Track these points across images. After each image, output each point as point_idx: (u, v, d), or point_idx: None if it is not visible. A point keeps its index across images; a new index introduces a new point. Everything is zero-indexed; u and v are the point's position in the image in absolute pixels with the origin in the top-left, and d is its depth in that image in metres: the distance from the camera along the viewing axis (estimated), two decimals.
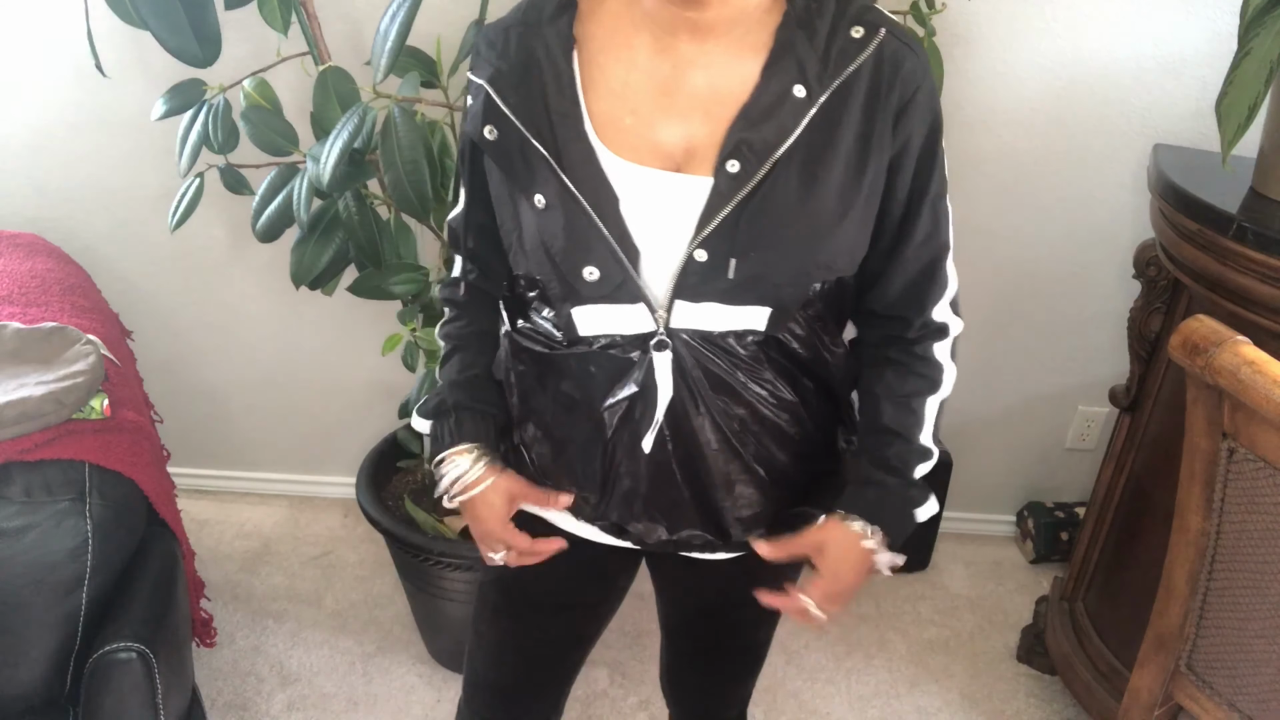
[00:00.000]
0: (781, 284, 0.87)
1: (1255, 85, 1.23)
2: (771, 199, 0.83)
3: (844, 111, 0.83)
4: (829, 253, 0.87)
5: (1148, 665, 1.18)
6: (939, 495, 2.11)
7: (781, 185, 0.83)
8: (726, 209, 0.82)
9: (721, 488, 0.96)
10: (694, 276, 0.85)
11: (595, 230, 0.84)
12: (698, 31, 0.83)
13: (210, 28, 1.35)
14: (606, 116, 0.85)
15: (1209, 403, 1.00)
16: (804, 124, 0.82)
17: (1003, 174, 1.91)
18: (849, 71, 0.83)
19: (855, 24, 0.84)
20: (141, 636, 1.25)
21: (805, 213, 0.84)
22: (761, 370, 0.92)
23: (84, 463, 1.32)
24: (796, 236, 0.84)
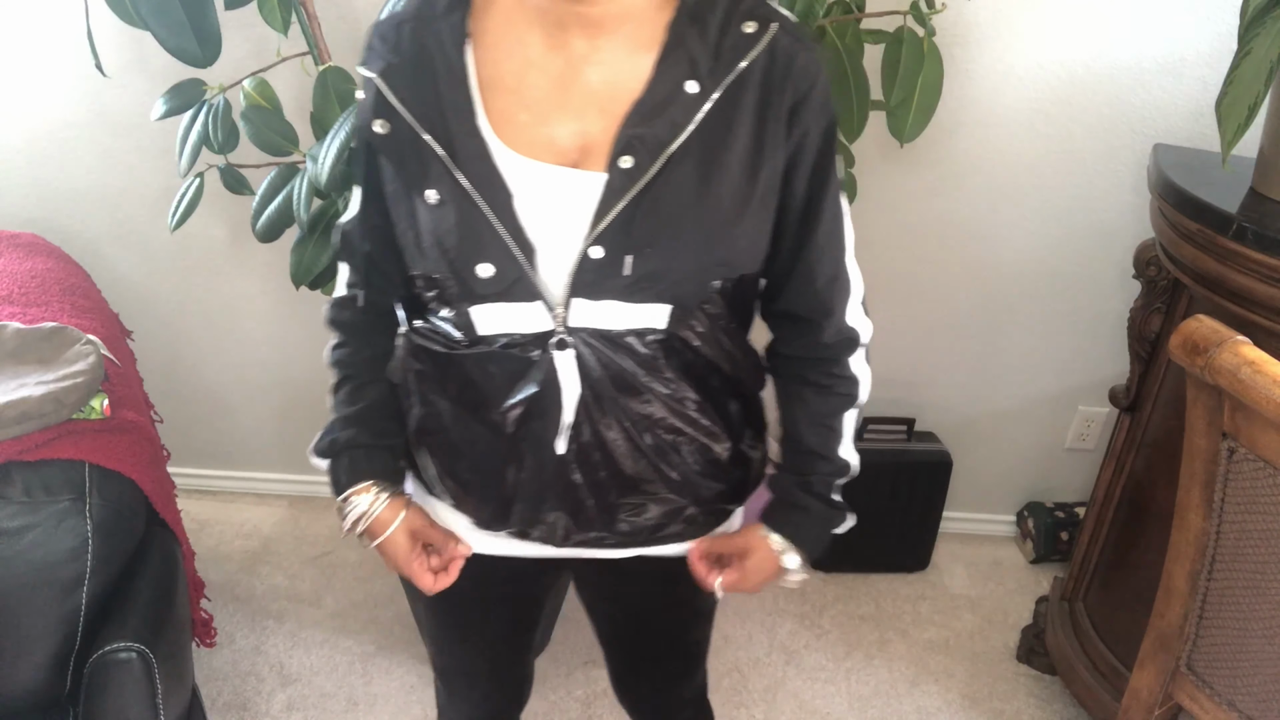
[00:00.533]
0: (679, 281, 0.86)
1: (1255, 85, 1.23)
2: (666, 195, 0.82)
3: (738, 108, 0.83)
4: (727, 250, 0.86)
5: (1148, 665, 1.18)
6: (939, 495, 2.12)
7: (676, 181, 0.82)
8: (620, 205, 0.82)
9: (629, 488, 0.95)
10: (590, 274, 0.84)
11: (488, 226, 0.83)
12: (588, 27, 0.82)
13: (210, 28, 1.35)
14: (502, 113, 0.84)
15: (1209, 403, 1.00)
16: (697, 120, 0.82)
17: (1003, 174, 1.91)
18: (741, 67, 0.82)
19: (747, 19, 0.83)
20: (141, 636, 1.25)
21: (701, 209, 0.83)
22: (663, 369, 0.90)
23: (84, 463, 1.32)
24: (692, 233, 0.84)
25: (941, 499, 2.13)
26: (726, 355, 0.94)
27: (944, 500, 2.13)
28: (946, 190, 1.93)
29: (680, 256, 0.84)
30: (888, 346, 2.12)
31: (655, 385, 0.91)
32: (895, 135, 1.49)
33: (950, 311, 2.07)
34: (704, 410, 0.95)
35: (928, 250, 2.00)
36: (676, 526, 1.00)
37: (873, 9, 1.50)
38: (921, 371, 2.15)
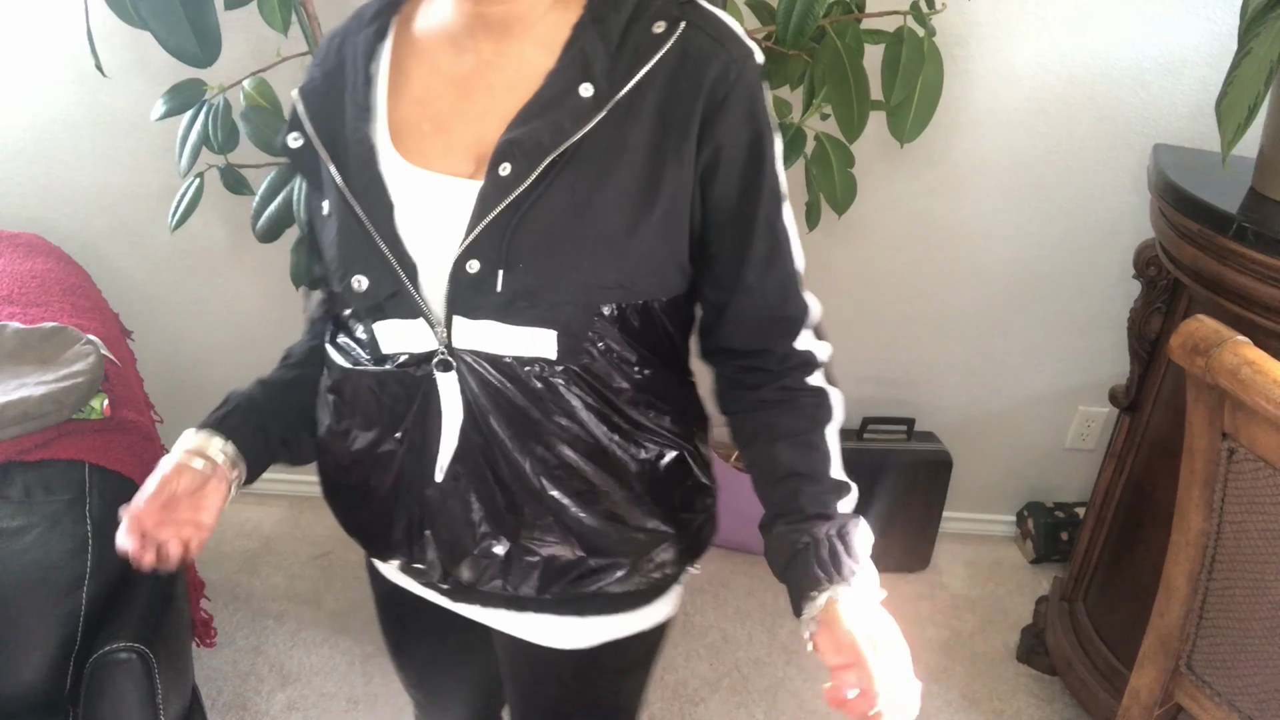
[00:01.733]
0: (558, 303, 0.78)
1: (1255, 85, 1.23)
2: (543, 206, 0.76)
3: (638, 115, 0.76)
4: (618, 272, 0.78)
5: (1148, 665, 1.18)
6: (939, 495, 2.12)
7: (557, 192, 0.76)
8: (491, 214, 0.76)
9: (516, 532, 0.86)
10: (466, 289, 0.78)
11: (366, 237, 0.80)
12: (492, 30, 0.79)
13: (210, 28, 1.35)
14: (407, 123, 0.82)
15: (1209, 403, 1.00)
16: (589, 126, 0.75)
17: (1003, 174, 1.91)
18: (644, 71, 0.76)
19: (658, 18, 0.77)
20: (141, 636, 1.25)
21: (582, 224, 0.76)
22: (560, 404, 0.82)
23: (84, 463, 1.32)
24: (573, 250, 0.76)
25: (941, 499, 2.13)
26: (644, 398, 0.85)
27: (944, 500, 2.13)
28: (946, 190, 1.93)
29: (558, 275, 0.77)
30: (888, 346, 2.12)
31: (550, 420, 0.82)
32: (895, 135, 1.49)
33: (950, 311, 2.07)
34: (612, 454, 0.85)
35: (928, 250, 2.00)
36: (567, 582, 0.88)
37: (873, 9, 1.50)
38: (921, 371, 2.15)
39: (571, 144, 0.75)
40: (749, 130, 0.79)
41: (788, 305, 0.85)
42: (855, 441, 2.11)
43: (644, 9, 0.78)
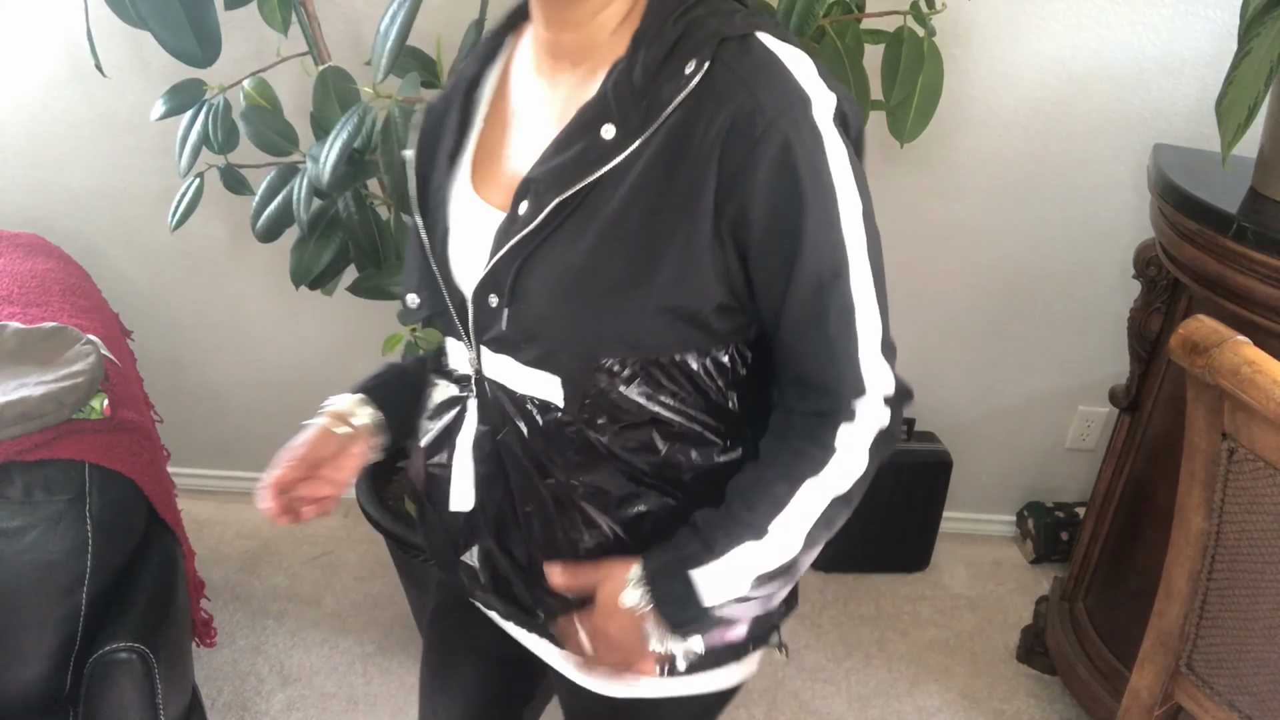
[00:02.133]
0: (558, 350, 0.76)
1: (1255, 85, 1.23)
2: (548, 248, 0.73)
3: (657, 163, 0.70)
4: (621, 327, 0.74)
5: (1148, 665, 1.18)
6: (939, 495, 2.12)
7: (563, 235, 0.73)
8: (503, 250, 0.75)
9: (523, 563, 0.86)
10: (486, 320, 0.78)
11: (424, 257, 0.83)
12: (564, 58, 0.77)
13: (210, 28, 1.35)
14: (487, 150, 0.82)
15: (1209, 403, 1.00)
16: (603, 171, 0.71)
17: (1003, 174, 1.91)
18: (665, 115, 0.70)
19: (691, 55, 0.70)
20: (141, 636, 1.25)
21: (586, 271, 0.73)
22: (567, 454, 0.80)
23: (84, 463, 1.32)
24: (573, 297, 0.74)
25: (941, 499, 2.13)
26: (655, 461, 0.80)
27: (944, 500, 2.13)
28: (946, 190, 1.93)
29: (558, 321, 0.75)
30: None
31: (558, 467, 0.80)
32: (895, 135, 1.49)
33: (950, 311, 2.07)
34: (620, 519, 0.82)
35: (928, 250, 2.00)
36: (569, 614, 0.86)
37: (873, 9, 1.50)
38: (921, 371, 2.15)
39: (584, 186, 0.72)
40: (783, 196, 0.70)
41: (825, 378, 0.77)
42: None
43: (684, 43, 0.71)
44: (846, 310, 0.75)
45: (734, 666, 0.92)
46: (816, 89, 0.72)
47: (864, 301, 0.76)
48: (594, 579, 0.81)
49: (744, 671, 0.93)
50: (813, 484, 0.78)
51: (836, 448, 0.78)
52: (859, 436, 0.78)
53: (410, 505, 1.71)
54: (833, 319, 0.75)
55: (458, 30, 1.62)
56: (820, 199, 0.72)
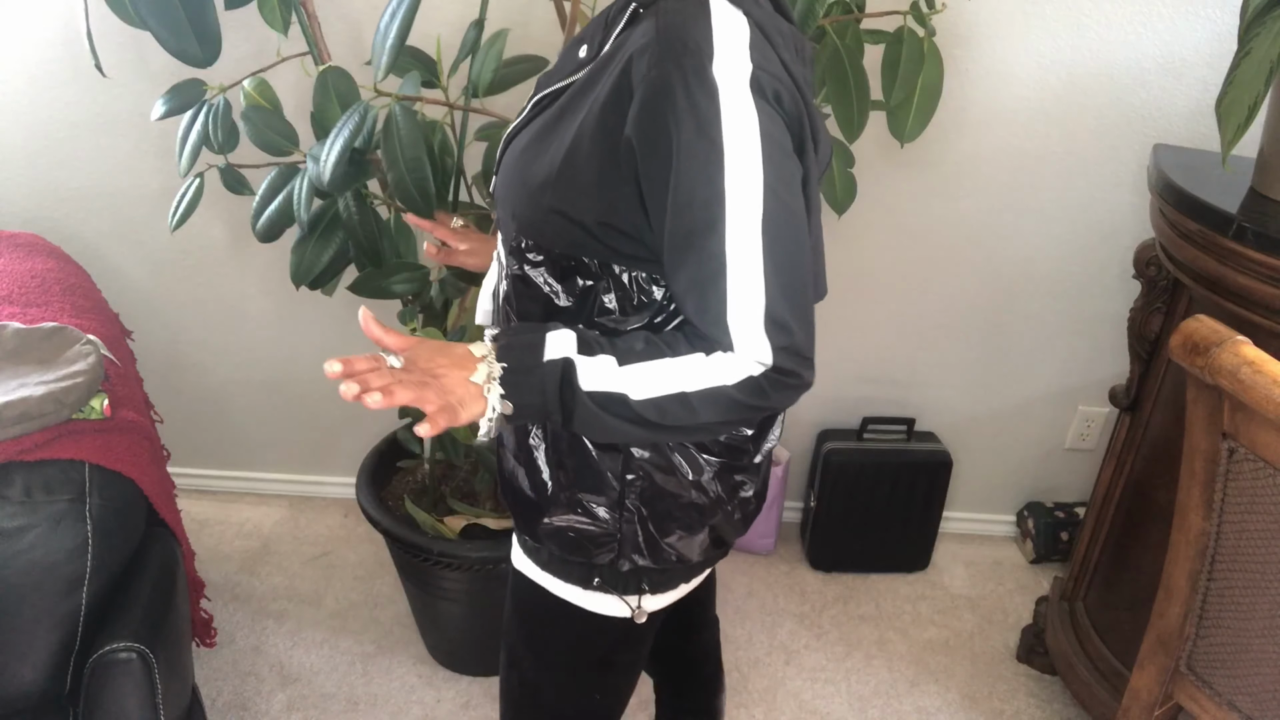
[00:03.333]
0: (503, 217, 0.93)
1: (1255, 85, 1.23)
2: (519, 137, 0.91)
3: (593, 86, 0.84)
4: (529, 213, 0.87)
5: (1148, 665, 1.18)
6: (939, 495, 2.12)
7: (530, 130, 0.90)
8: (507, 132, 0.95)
9: None
10: None
11: None
12: None
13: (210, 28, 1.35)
14: None
15: (1209, 403, 1.00)
16: (565, 82, 0.88)
17: (1003, 174, 1.91)
18: (609, 44, 0.86)
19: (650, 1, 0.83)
20: (141, 636, 1.25)
21: (520, 160, 0.89)
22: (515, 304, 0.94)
23: (84, 463, 1.32)
24: (509, 180, 0.90)
25: (941, 499, 2.13)
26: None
27: (944, 500, 2.13)
28: (946, 190, 1.93)
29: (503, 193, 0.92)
30: (888, 346, 2.12)
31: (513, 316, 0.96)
32: (895, 135, 1.49)
33: (950, 311, 2.07)
34: None
35: (927, 250, 2.00)
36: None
37: (873, 9, 1.50)
38: (921, 371, 2.15)
39: (551, 91, 0.89)
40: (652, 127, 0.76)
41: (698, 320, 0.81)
42: (855, 441, 2.11)
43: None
44: (715, 267, 0.77)
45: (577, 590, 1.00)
46: (731, 50, 0.76)
47: (741, 266, 0.77)
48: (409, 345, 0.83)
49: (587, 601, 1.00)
50: (670, 362, 0.81)
51: (706, 353, 0.81)
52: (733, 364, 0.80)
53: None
54: (701, 270, 0.78)
55: (458, 30, 1.63)
56: (698, 150, 0.75)
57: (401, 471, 1.89)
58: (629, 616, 1.02)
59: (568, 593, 1.02)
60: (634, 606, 1.01)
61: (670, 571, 1.01)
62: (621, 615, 1.02)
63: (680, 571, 1.02)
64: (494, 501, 1.78)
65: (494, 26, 1.54)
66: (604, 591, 1.01)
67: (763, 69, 0.77)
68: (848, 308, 2.06)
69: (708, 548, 1.01)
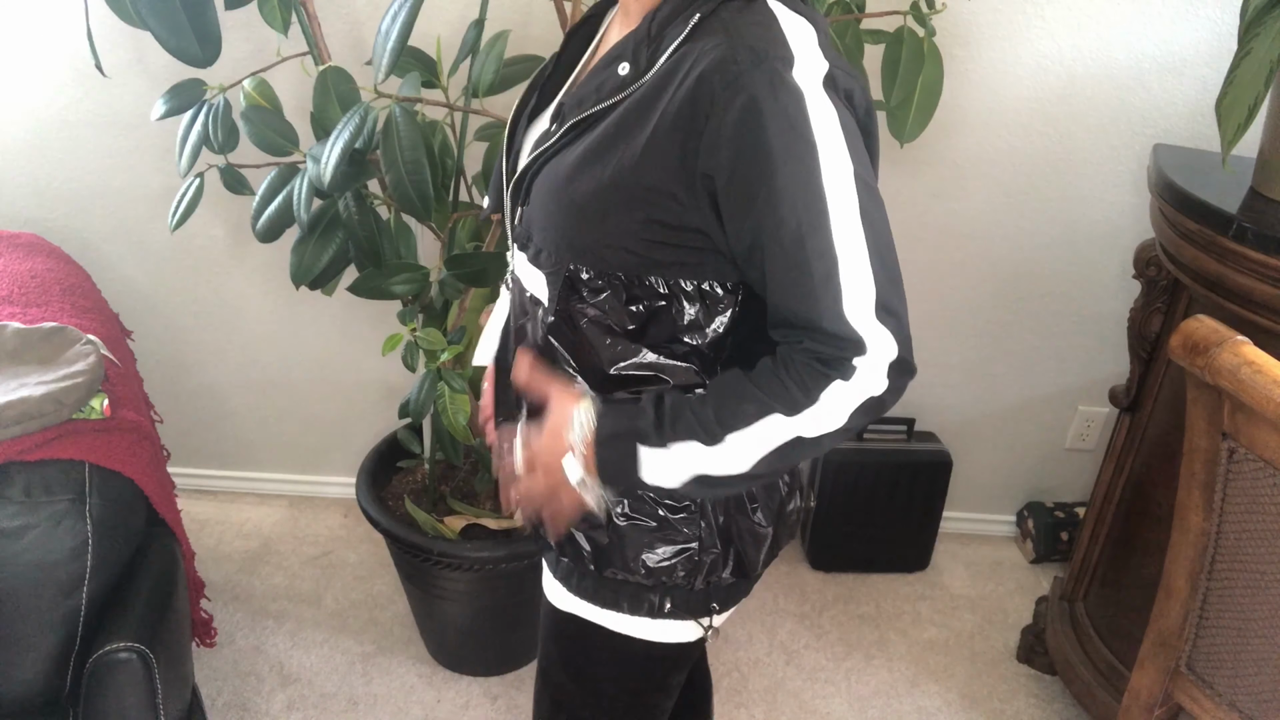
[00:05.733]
0: (543, 249, 0.87)
1: (1255, 85, 1.23)
2: (556, 161, 0.84)
3: (653, 104, 0.77)
4: (588, 237, 0.82)
5: (1148, 665, 1.18)
6: (939, 495, 2.12)
7: (570, 152, 0.83)
8: (525, 160, 0.89)
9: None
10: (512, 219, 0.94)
11: (500, 170, 0.97)
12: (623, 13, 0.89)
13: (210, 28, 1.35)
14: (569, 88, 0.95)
15: (1209, 403, 1.00)
16: (612, 102, 0.80)
17: (1003, 174, 1.91)
18: (664, 60, 0.78)
19: (700, 9, 0.78)
20: (141, 636, 1.25)
21: (569, 185, 0.82)
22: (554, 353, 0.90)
23: (84, 463, 1.32)
24: (555, 205, 0.84)
25: (941, 499, 2.13)
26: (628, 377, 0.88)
27: (944, 500, 2.13)
28: (946, 190, 1.93)
29: (542, 224, 0.86)
30: None
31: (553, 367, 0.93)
32: (895, 135, 1.49)
33: (950, 311, 2.07)
34: None
35: (928, 250, 2.00)
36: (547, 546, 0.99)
37: (873, 9, 1.50)
38: (921, 371, 2.14)
39: (593, 113, 0.82)
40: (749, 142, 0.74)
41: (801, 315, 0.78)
42: (855, 441, 2.11)
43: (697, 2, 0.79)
44: (829, 262, 0.76)
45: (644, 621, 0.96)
46: (806, 52, 0.76)
47: (851, 258, 0.76)
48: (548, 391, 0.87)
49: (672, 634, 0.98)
50: (781, 419, 0.79)
51: (820, 400, 0.78)
52: (846, 397, 0.78)
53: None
54: (815, 269, 0.76)
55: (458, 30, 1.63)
56: (797, 150, 0.74)
57: (401, 471, 1.89)
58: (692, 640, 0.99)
59: (633, 626, 0.97)
60: (706, 626, 0.98)
61: (738, 585, 0.98)
62: (685, 640, 0.99)
63: (747, 584, 0.99)
64: (494, 501, 1.78)
65: (494, 27, 1.54)
66: (675, 618, 0.97)
67: (837, 67, 0.79)
68: None
69: (768, 554, 0.98)
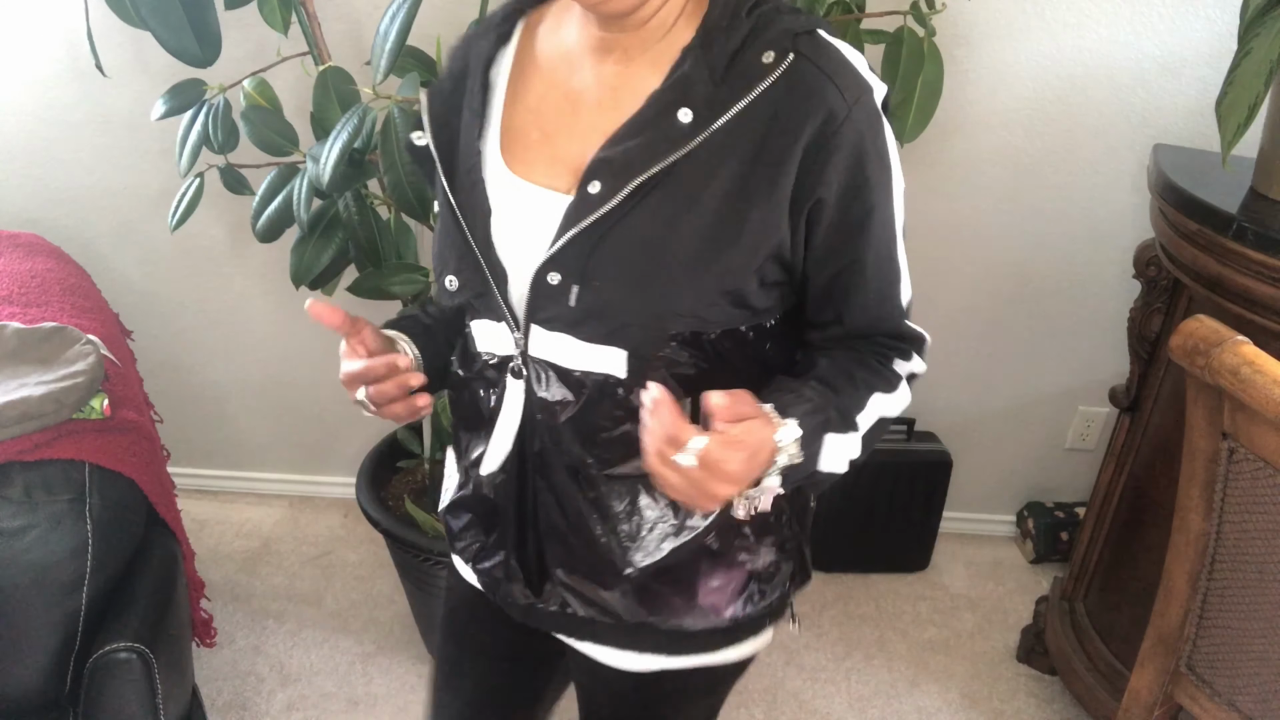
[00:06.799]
0: (630, 325, 0.78)
1: (1255, 85, 1.23)
2: (625, 227, 0.76)
3: (734, 146, 0.74)
4: (690, 301, 0.77)
5: (1148, 665, 1.18)
6: (939, 495, 2.12)
7: (641, 215, 0.75)
8: (574, 230, 0.76)
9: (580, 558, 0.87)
10: (544, 300, 0.79)
11: (462, 239, 0.83)
12: (613, 52, 0.80)
13: (210, 28, 1.35)
14: (517, 131, 0.83)
15: (1209, 403, 1.00)
16: (682, 152, 0.74)
17: (1003, 174, 1.91)
18: (745, 102, 0.74)
19: (768, 48, 0.74)
20: (141, 636, 1.25)
21: (662, 250, 0.76)
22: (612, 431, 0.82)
23: (84, 463, 1.32)
24: (647, 274, 0.76)
25: (941, 499, 2.13)
26: None
27: (944, 500, 2.13)
28: (946, 190, 1.93)
29: (631, 297, 0.77)
30: None
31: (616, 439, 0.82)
32: (895, 135, 1.48)
33: (950, 311, 2.07)
34: None
35: (927, 250, 2.00)
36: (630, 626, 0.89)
37: (873, 9, 1.50)
38: None
39: (663, 168, 0.74)
40: (857, 175, 0.76)
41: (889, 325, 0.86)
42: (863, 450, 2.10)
43: (757, 36, 0.75)
44: (899, 272, 0.84)
45: (751, 641, 0.95)
46: (874, 79, 0.78)
47: (905, 267, 0.85)
48: (748, 413, 0.74)
49: (760, 644, 0.97)
50: (881, 398, 0.84)
51: (902, 375, 0.86)
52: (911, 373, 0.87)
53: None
54: (895, 281, 0.84)
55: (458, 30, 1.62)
56: (885, 177, 0.79)
57: (401, 471, 1.89)
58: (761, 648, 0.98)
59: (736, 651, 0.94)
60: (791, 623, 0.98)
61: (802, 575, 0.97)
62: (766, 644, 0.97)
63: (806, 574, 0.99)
64: None
65: None
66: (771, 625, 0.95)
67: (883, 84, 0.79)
68: None
69: None
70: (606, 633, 0.92)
